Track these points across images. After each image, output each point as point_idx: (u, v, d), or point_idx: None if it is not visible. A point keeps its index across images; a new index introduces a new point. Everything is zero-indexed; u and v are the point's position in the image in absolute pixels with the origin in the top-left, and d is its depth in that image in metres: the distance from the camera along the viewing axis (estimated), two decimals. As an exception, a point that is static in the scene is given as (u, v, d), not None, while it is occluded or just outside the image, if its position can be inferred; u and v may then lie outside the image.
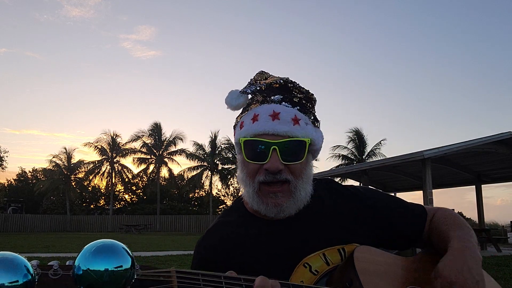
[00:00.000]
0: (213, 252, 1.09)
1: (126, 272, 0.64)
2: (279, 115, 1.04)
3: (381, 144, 36.82)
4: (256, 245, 1.08)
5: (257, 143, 1.03)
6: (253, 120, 1.06)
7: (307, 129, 1.06)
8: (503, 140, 13.07)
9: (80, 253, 0.64)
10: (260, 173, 1.04)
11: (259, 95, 1.10)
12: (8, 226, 35.94)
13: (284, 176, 1.04)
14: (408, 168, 16.31)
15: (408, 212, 1.19)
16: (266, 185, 1.04)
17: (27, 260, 0.61)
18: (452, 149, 12.87)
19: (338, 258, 1.06)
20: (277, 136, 1.03)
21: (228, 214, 1.20)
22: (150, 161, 43.07)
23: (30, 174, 53.17)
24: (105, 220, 40.66)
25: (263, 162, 1.03)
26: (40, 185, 43.36)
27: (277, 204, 1.04)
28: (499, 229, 25.34)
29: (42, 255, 11.60)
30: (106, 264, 0.62)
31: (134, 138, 42.48)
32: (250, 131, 1.05)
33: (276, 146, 1.01)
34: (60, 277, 0.64)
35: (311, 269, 1.04)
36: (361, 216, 1.15)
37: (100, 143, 42.69)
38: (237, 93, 1.10)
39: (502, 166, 15.50)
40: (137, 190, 49.84)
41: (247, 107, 1.12)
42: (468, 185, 18.25)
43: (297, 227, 1.10)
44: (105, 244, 0.65)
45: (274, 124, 1.03)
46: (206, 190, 44.47)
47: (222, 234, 1.13)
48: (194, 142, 41.96)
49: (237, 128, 1.12)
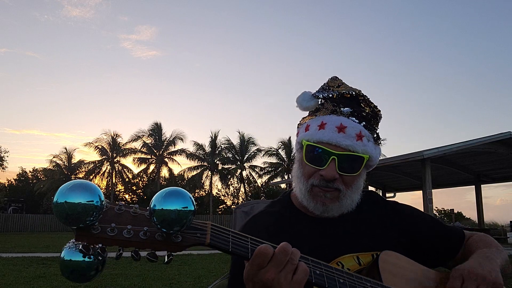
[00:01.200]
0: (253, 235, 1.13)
1: (189, 213, 0.79)
2: (345, 129, 1.11)
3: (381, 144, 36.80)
4: (295, 237, 1.12)
5: (319, 149, 1.10)
6: (319, 127, 1.13)
7: (368, 146, 1.13)
8: (502, 140, 13.09)
9: (154, 197, 0.79)
10: (315, 177, 1.11)
11: (329, 102, 1.16)
12: (8, 226, 35.97)
13: (337, 186, 1.11)
14: (408, 168, 16.34)
15: (446, 232, 1.23)
16: (318, 187, 1.12)
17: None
18: (452, 149, 12.89)
19: (369, 260, 1.10)
20: (338, 147, 1.09)
21: (274, 205, 1.27)
22: (151, 161, 43.11)
23: (30, 174, 53.21)
24: (105, 220, 40.60)
25: (320, 168, 1.10)
26: (40, 185, 43.41)
27: (324, 204, 1.11)
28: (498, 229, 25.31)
29: (43, 255, 11.62)
30: (175, 204, 0.77)
31: (134, 138, 42.54)
32: (315, 137, 1.12)
33: (335, 157, 1.09)
34: (123, 212, 0.80)
35: (343, 267, 1.08)
36: (398, 229, 1.19)
37: (101, 143, 42.75)
38: (309, 95, 1.17)
39: (501, 166, 15.53)
40: (138, 190, 49.85)
41: (316, 112, 1.18)
42: (468, 185, 18.29)
43: (337, 228, 1.15)
44: (175, 189, 0.80)
45: (339, 136, 1.10)
46: (206, 190, 44.53)
47: (264, 221, 1.20)
48: (194, 142, 42.05)
49: (302, 128, 1.19)
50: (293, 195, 1.25)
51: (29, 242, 18.19)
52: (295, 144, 1.22)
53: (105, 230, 0.77)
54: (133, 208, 0.82)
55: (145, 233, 0.80)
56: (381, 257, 1.05)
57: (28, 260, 10.30)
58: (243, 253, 0.87)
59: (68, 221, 0.73)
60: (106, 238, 0.77)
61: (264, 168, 42.35)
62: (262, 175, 42.70)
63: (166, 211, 0.77)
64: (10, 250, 13.52)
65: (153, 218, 0.78)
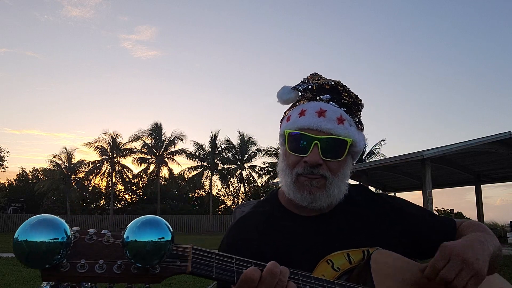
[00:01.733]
0: (244, 237, 1.13)
1: (167, 244, 0.71)
2: (325, 113, 1.09)
3: (381, 144, 36.84)
4: (284, 237, 1.12)
5: (300, 136, 1.08)
6: (299, 115, 1.11)
7: (350, 130, 1.11)
8: (502, 140, 13.09)
9: (128, 227, 0.72)
10: (299, 166, 1.09)
11: (309, 93, 1.16)
12: (8, 226, 35.96)
13: (322, 172, 1.08)
14: (407, 168, 16.34)
15: (438, 222, 1.21)
16: (303, 176, 1.09)
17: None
18: (452, 149, 12.89)
19: (360, 258, 1.09)
20: (320, 132, 1.08)
21: (263, 204, 1.25)
22: (150, 161, 43.08)
23: (30, 174, 53.20)
24: (105, 220, 40.67)
25: (303, 155, 1.08)
26: (40, 185, 43.36)
27: (311, 193, 1.09)
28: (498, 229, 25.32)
29: (43, 255, 11.61)
30: (150, 236, 0.70)
31: (134, 138, 42.50)
32: (295, 125, 1.11)
33: (318, 141, 1.07)
34: (94, 242, 0.74)
35: (333, 266, 1.06)
36: (390, 223, 1.17)
37: (101, 143, 42.70)
38: (289, 89, 1.17)
39: (501, 166, 15.53)
40: (138, 190, 49.83)
41: (296, 103, 1.18)
42: (468, 185, 18.29)
43: (326, 225, 1.14)
44: (150, 218, 0.73)
45: (319, 120, 1.08)
46: (206, 190, 44.51)
47: (254, 221, 1.17)
48: (194, 142, 42.00)
49: (284, 121, 1.18)
50: (281, 194, 1.23)
51: (29, 242, 18.16)
52: (278, 139, 1.20)
53: (74, 267, 0.70)
54: (105, 237, 0.75)
55: (119, 267, 0.72)
56: (373, 257, 1.02)
57: (28, 260, 10.29)
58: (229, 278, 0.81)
59: (31, 262, 0.65)
60: (76, 276, 0.70)
61: (264, 168, 42.33)
62: (262, 175, 42.69)
63: (140, 243, 0.69)
64: (10, 250, 13.51)
65: (126, 252, 0.70)
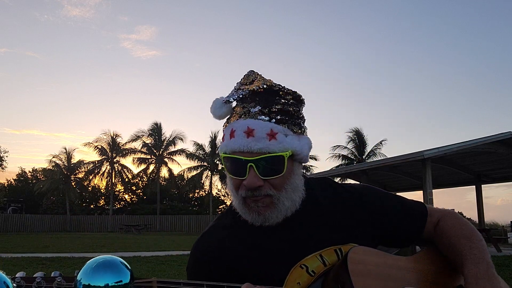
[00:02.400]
0: (208, 255, 1.10)
1: (126, 287, 0.66)
2: (254, 132, 1.02)
3: (381, 144, 36.86)
4: (251, 248, 1.08)
5: (235, 160, 1.03)
6: (230, 136, 1.05)
7: (285, 141, 1.03)
8: (503, 140, 13.08)
9: (82, 269, 0.66)
10: (242, 188, 1.04)
11: (240, 105, 1.08)
12: (8, 226, 35.94)
13: (265, 191, 1.03)
14: (408, 168, 16.33)
15: (407, 211, 1.17)
16: (248, 199, 1.05)
17: (10, 277, 0.61)
18: (452, 149, 12.88)
19: (335, 259, 1.05)
20: (252, 153, 1.01)
21: (224, 217, 1.20)
22: (150, 161, 43.08)
23: (30, 174, 53.21)
24: (105, 220, 40.66)
25: (243, 178, 1.02)
26: (40, 185, 43.36)
27: (260, 213, 1.04)
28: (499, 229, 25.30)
29: (42, 255, 11.59)
30: (106, 279, 0.65)
31: (134, 138, 42.52)
32: (228, 147, 1.04)
33: (252, 164, 1.01)
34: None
35: (307, 270, 1.03)
36: (357, 215, 1.13)
37: (100, 143, 42.72)
38: (220, 102, 1.09)
39: (502, 166, 15.52)
40: (137, 190, 49.85)
41: (230, 117, 1.10)
42: (468, 185, 18.28)
43: (292, 228, 1.09)
44: (106, 260, 0.67)
45: (248, 141, 1.01)
46: (206, 190, 44.51)
47: (217, 236, 1.13)
48: (194, 142, 42.01)
49: (222, 139, 1.11)
50: None
51: (28, 242, 18.16)
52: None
53: None
54: (56, 282, 0.68)
55: None
56: (349, 257, 0.98)
57: (27, 260, 10.27)
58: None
59: None
60: None
61: (264, 168, 42.24)
62: (262, 175, 42.60)
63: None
64: (9, 250, 13.49)
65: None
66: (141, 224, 35.48)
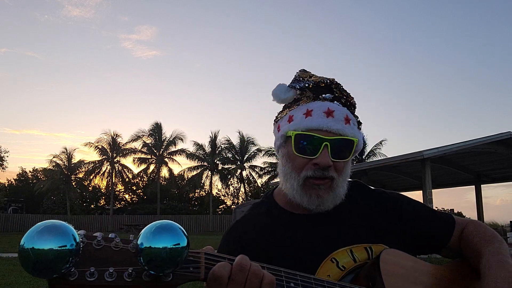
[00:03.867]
0: (244, 237, 1.11)
1: (182, 250, 0.68)
2: (333, 113, 1.06)
3: (381, 144, 36.84)
4: (286, 237, 1.09)
5: (310, 137, 1.04)
6: (306, 115, 1.07)
7: (355, 130, 1.10)
8: (502, 140, 13.09)
9: (142, 232, 0.68)
10: (307, 168, 1.06)
11: (308, 91, 1.12)
12: (8, 226, 35.95)
13: (331, 173, 1.06)
14: (407, 168, 16.33)
15: (436, 218, 1.20)
16: (312, 179, 1.06)
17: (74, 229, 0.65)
18: (452, 149, 12.89)
19: (365, 256, 1.07)
20: (329, 133, 1.05)
21: (259, 207, 1.21)
22: (150, 161, 43.08)
23: (30, 174, 53.21)
24: (105, 220, 40.66)
25: (312, 157, 1.04)
26: (40, 185, 43.35)
27: (319, 196, 1.06)
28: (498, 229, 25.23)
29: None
30: (165, 242, 0.67)
31: (134, 138, 42.51)
32: (302, 125, 1.06)
33: (328, 143, 1.03)
34: (102, 247, 0.69)
35: (338, 264, 1.05)
36: (389, 218, 1.16)
37: (101, 143, 42.71)
38: (286, 87, 1.12)
39: (501, 166, 15.53)
40: (138, 190, 49.81)
41: (295, 102, 1.13)
42: (468, 185, 18.29)
43: (326, 223, 1.11)
44: (165, 223, 0.69)
45: (328, 121, 1.05)
46: (206, 190, 44.52)
47: (254, 222, 1.15)
48: (194, 142, 42.03)
49: (283, 121, 1.13)
50: (277, 195, 1.20)
51: (29, 242, 18.14)
52: (277, 140, 1.14)
53: (83, 275, 0.66)
54: (114, 242, 0.71)
55: (130, 275, 0.69)
56: (382, 257, 1.01)
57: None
58: None
59: (37, 272, 0.61)
60: (85, 285, 0.66)
61: (264, 168, 42.34)
62: (262, 175, 42.70)
63: (155, 250, 0.66)
64: (10, 250, 13.52)
65: (140, 259, 0.67)
66: (142, 224, 35.46)
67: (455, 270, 1.12)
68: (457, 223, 1.19)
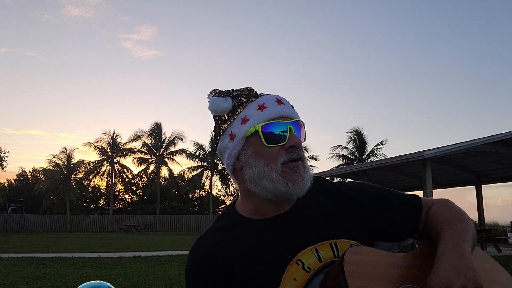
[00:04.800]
0: (207, 259, 1.10)
1: None
2: (282, 101, 1.13)
3: (381, 144, 36.86)
4: (248, 246, 1.08)
5: (276, 124, 1.08)
6: (260, 109, 1.10)
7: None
8: (503, 140, 13.06)
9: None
10: (281, 155, 1.06)
11: (244, 96, 1.14)
12: (8, 226, 35.95)
13: (301, 153, 1.09)
14: (408, 168, 16.32)
15: (403, 204, 1.17)
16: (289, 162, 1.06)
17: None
18: (452, 149, 12.87)
19: (330, 254, 1.05)
20: (287, 118, 1.10)
21: (219, 220, 1.20)
22: (150, 161, 43.10)
23: (30, 174, 53.24)
24: (105, 220, 40.67)
25: (283, 143, 1.07)
26: (40, 185, 43.37)
27: (302, 177, 1.07)
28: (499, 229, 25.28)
29: (42, 255, 11.60)
30: None
31: (134, 138, 42.55)
32: (264, 118, 1.08)
33: (291, 126, 1.08)
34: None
35: (303, 266, 1.03)
36: (350, 211, 1.14)
37: (100, 143, 42.76)
38: (220, 98, 1.14)
39: (502, 166, 15.51)
40: (137, 190, 49.84)
41: (237, 108, 1.14)
42: (468, 185, 18.25)
43: (288, 224, 1.10)
44: (92, 286, 0.63)
45: (282, 107, 1.11)
46: (206, 190, 44.53)
47: (214, 239, 1.13)
48: (194, 142, 42.05)
49: (235, 127, 1.11)
50: (239, 204, 1.19)
51: (28, 242, 18.17)
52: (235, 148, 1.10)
53: None
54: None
55: None
56: (346, 258, 0.97)
57: (27, 260, 10.28)
58: None
59: None
60: None
61: (264, 168, 42.25)
62: (262, 175, 42.61)
63: None
64: (9, 250, 13.50)
65: None
66: (141, 224, 35.48)
67: (423, 255, 1.08)
68: (424, 206, 1.17)
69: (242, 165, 1.11)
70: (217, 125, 1.17)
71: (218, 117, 1.17)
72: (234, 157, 1.12)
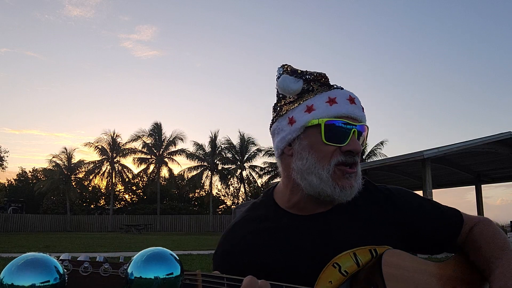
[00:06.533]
0: (238, 247, 1.07)
1: (176, 280, 0.64)
2: (355, 100, 1.06)
3: (381, 144, 36.85)
4: (284, 241, 1.05)
5: (341, 124, 1.02)
6: (330, 103, 1.04)
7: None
8: (503, 140, 13.08)
9: (133, 260, 0.65)
10: (336, 155, 1.02)
11: (316, 82, 1.07)
12: (8, 226, 35.95)
13: (357, 158, 1.05)
14: (408, 168, 16.33)
15: (443, 217, 1.14)
16: (342, 166, 1.02)
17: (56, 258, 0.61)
18: (452, 149, 12.88)
19: (369, 259, 1.03)
20: (355, 119, 1.04)
21: (257, 207, 1.15)
22: (150, 161, 43.09)
23: (30, 174, 53.20)
24: (105, 220, 40.67)
25: (342, 144, 1.01)
26: (40, 185, 43.35)
27: (352, 186, 1.03)
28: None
29: (43, 255, 11.59)
30: (157, 272, 0.63)
31: (134, 138, 42.51)
32: (331, 113, 1.02)
33: (355, 129, 1.03)
34: (89, 274, 0.65)
35: (340, 269, 1.00)
36: (391, 217, 1.11)
37: (100, 143, 42.74)
38: (292, 78, 1.06)
39: (502, 166, 15.52)
40: (137, 190, 49.82)
41: (306, 93, 1.07)
42: (468, 185, 18.28)
43: (328, 224, 1.06)
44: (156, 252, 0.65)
45: (353, 107, 1.05)
46: (206, 190, 44.52)
47: (248, 228, 1.09)
48: (194, 142, 42.03)
49: (298, 112, 1.06)
50: (277, 194, 1.14)
51: (28, 242, 18.18)
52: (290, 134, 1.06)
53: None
54: (103, 267, 0.66)
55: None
56: (384, 259, 0.97)
57: (27, 260, 10.27)
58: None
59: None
60: None
61: (264, 168, 42.35)
62: (262, 175, 42.70)
63: (146, 281, 0.62)
64: (9, 250, 13.51)
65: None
66: (141, 224, 35.48)
67: (455, 267, 1.10)
68: (465, 223, 1.14)
69: (292, 153, 1.06)
70: (279, 103, 1.11)
71: (282, 96, 1.10)
72: (287, 142, 1.07)
